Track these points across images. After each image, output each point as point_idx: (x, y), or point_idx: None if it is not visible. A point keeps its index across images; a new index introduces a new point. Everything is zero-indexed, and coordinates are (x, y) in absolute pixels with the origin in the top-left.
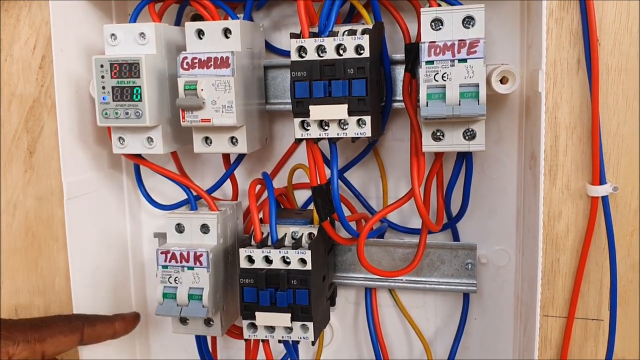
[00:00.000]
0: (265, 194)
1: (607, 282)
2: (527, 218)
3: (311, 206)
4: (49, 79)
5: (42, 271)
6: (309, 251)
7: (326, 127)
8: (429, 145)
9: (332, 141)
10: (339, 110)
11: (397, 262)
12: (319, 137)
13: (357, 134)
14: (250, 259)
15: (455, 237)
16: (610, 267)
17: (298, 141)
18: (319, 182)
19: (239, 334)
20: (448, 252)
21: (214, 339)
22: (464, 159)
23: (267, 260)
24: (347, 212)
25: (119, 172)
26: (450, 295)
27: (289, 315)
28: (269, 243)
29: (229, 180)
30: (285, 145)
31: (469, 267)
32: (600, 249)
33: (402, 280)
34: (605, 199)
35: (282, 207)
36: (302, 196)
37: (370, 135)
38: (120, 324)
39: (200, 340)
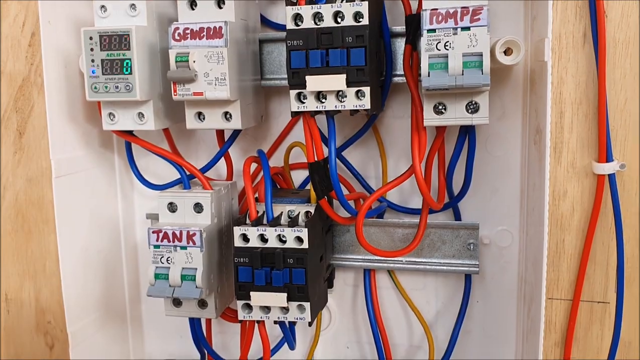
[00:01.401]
0: (261, 175)
1: (614, 263)
2: (531, 197)
3: (308, 186)
4: (39, 57)
5: (33, 254)
6: (306, 229)
7: (323, 100)
8: (430, 119)
9: (330, 114)
10: (337, 81)
11: (397, 243)
12: (316, 109)
13: (356, 107)
14: (245, 238)
15: (457, 217)
16: (617, 248)
17: (294, 114)
18: (316, 158)
19: (234, 317)
20: (449, 232)
21: (208, 323)
22: (467, 134)
23: (263, 239)
24: (345, 192)
25: (110, 152)
26: (451, 277)
27: (285, 295)
28: (265, 222)
29: (223, 159)
30: (281, 124)
31: (471, 247)
32: (607, 228)
33: (401, 261)
34: (611, 177)
35: (279, 187)
36: (298, 176)
37: (369, 107)
38: None
39: (194, 324)
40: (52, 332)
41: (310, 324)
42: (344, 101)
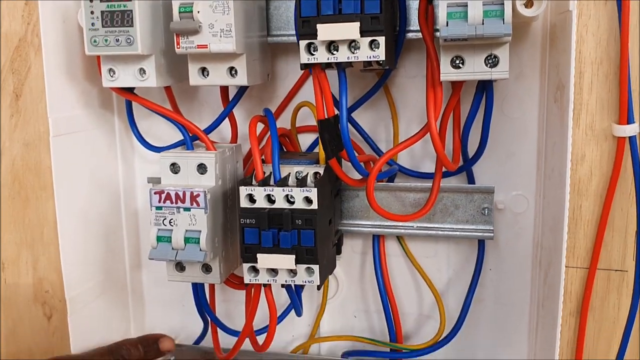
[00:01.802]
0: (268, 136)
1: (633, 230)
2: (549, 159)
3: (316, 149)
4: (36, 16)
5: (30, 222)
6: (315, 189)
7: (335, 51)
8: (447, 73)
9: (342, 67)
10: (350, 30)
11: (408, 208)
12: (327, 61)
13: (370, 58)
14: (251, 199)
15: (471, 182)
16: (636, 214)
17: (304, 67)
18: (326, 115)
19: (239, 284)
20: (463, 197)
21: (212, 290)
22: (484, 92)
23: (270, 199)
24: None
25: (110, 113)
26: (463, 244)
27: (293, 257)
28: (271, 182)
29: (227, 121)
30: (288, 85)
31: (486, 212)
32: (626, 194)
33: (412, 227)
34: (632, 139)
35: (285, 150)
36: (306, 140)
37: (384, 59)
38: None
39: (198, 290)
40: (50, 302)
41: (319, 288)
42: (356, 52)
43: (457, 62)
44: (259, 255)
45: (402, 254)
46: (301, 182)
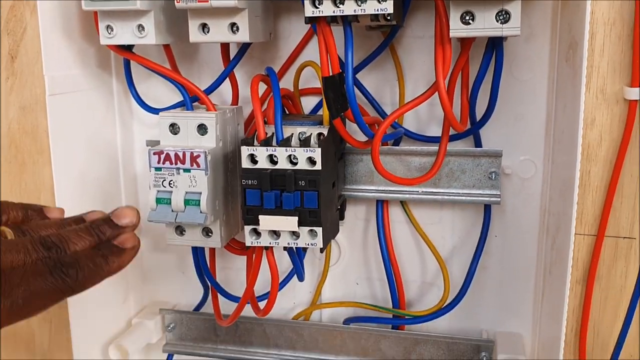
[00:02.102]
0: (270, 97)
1: None
2: (559, 122)
3: (320, 112)
4: None
5: (27, 187)
6: (319, 149)
7: (340, 4)
8: (457, 29)
9: (348, 21)
10: None
11: (413, 173)
12: (333, 14)
13: (377, 11)
14: (253, 159)
15: (478, 146)
16: None
17: (308, 21)
18: (331, 72)
19: (240, 249)
20: (470, 161)
21: (212, 256)
22: (494, 51)
23: (272, 160)
24: None
25: (108, 74)
26: (469, 210)
27: (296, 218)
28: (273, 143)
29: (227, 83)
30: (290, 45)
31: (493, 176)
32: (636, 160)
33: (417, 191)
34: None
35: (287, 112)
36: (308, 103)
37: (392, 12)
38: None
39: (198, 254)
40: None
41: (322, 250)
42: (363, 5)
43: (467, 17)
44: (260, 217)
45: (406, 220)
46: (304, 143)
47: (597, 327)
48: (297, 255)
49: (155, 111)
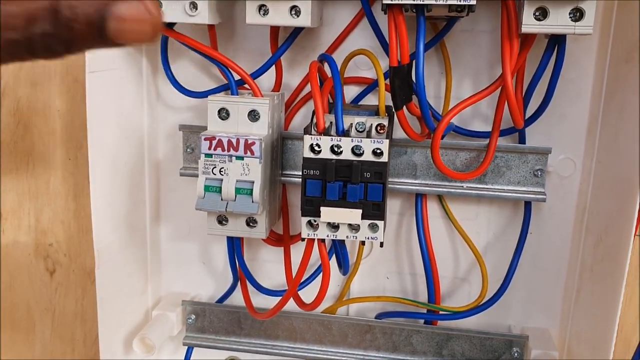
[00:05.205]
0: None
1: None
2: (612, 123)
3: (362, 101)
4: None
5: (35, 170)
6: (387, 140)
7: None
8: (529, 25)
9: (422, 10)
10: None
11: (459, 168)
12: (413, 2)
13: (461, 1)
14: (313, 149)
15: (522, 143)
16: None
17: (385, 7)
18: (399, 62)
19: (275, 240)
20: (517, 157)
21: (242, 248)
22: (555, 48)
23: (334, 151)
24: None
25: (139, 52)
26: (505, 207)
27: (360, 211)
28: (333, 133)
29: (272, 69)
30: (333, 33)
31: (539, 174)
32: None
33: (462, 186)
34: None
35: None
36: (348, 93)
37: (474, 3)
38: None
39: (233, 245)
40: (54, 257)
41: (381, 245)
42: None
43: (538, 13)
44: (322, 209)
45: (441, 215)
46: (368, 134)
47: (621, 324)
48: (339, 249)
49: (190, 94)
